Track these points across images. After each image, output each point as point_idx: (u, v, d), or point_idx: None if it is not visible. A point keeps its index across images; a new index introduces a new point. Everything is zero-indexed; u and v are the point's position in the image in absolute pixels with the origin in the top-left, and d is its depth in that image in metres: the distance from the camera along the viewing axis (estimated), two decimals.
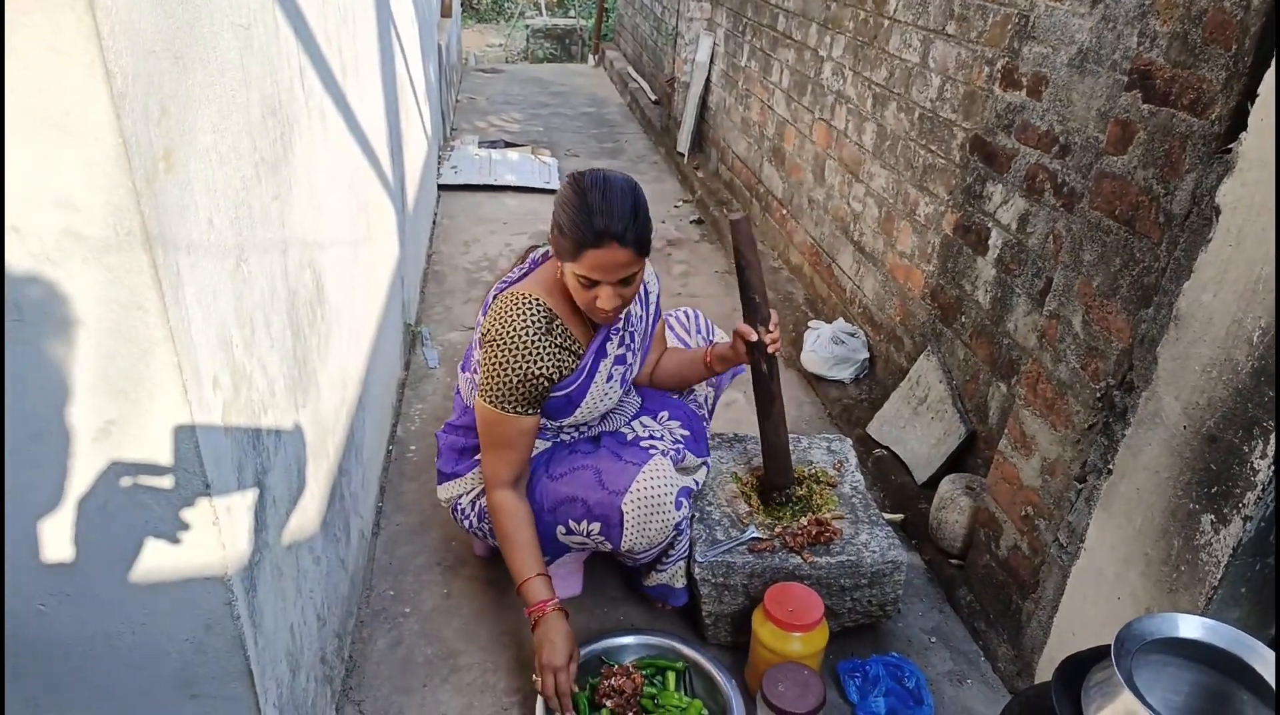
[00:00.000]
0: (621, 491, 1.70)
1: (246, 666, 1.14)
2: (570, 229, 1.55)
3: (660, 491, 1.70)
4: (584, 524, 1.74)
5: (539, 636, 1.64)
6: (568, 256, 1.58)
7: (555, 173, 5.19)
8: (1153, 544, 1.47)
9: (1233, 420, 1.31)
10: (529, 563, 1.70)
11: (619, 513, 1.70)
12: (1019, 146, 2.16)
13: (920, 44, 2.66)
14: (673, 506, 1.72)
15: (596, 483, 1.73)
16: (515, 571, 1.71)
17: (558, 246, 1.60)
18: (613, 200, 1.55)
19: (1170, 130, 1.42)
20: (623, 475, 1.72)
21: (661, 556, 1.85)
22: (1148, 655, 1.02)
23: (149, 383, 0.93)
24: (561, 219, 1.57)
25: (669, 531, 1.74)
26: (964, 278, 2.42)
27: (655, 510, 1.70)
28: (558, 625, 1.65)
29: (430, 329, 3.29)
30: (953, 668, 1.92)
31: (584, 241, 1.54)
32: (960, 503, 2.12)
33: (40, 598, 1.02)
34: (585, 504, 1.73)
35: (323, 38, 1.72)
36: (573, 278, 1.60)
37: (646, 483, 1.71)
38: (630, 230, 1.55)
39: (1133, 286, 1.52)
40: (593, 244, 1.54)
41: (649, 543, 1.74)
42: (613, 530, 1.73)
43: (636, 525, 1.71)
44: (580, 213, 1.54)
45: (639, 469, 1.72)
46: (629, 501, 1.70)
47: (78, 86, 0.78)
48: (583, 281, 1.59)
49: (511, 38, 12.32)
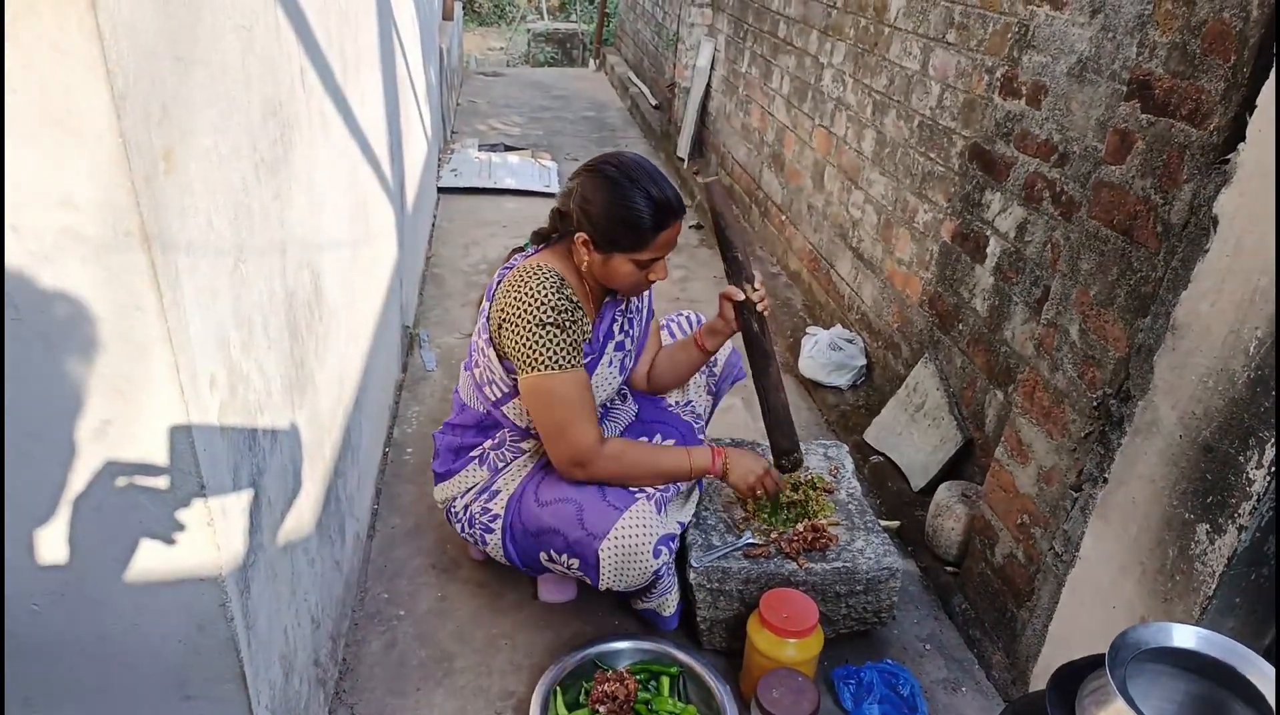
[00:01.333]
0: (600, 536, 1.67)
1: (239, 668, 1.14)
2: (633, 220, 1.59)
3: (638, 540, 1.66)
4: (564, 557, 1.73)
5: (731, 465, 1.80)
6: (630, 246, 1.62)
7: (555, 177, 5.20)
8: (1148, 553, 1.48)
9: (1229, 430, 1.31)
10: (672, 453, 1.76)
11: (595, 556, 1.68)
12: (1018, 155, 2.16)
13: (920, 52, 2.67)
14: (650, 555, 1.67)
15: (577, 521, 1.69)
16: (673, 463, 1.75)
17: (609, 239, 1.62)
18: (657, 179, 1.64)
19: (1169, 140, 1.43)
20: (603, 519, 1.67)
21: (644, 592, 1.84)
22: (1142, 664, 1.02)
23: (146, 383, 0.93)
24: (614, 213, 1.60)
25: (647, 577, 1.71)
26: (962, 285, 2.42)
27: (632, 558, 1.67)
28: (737, 454, 1.81)
29: (428, 331, 3.28)
30: (947, 675, 1.92)
31: (655, 226, 1.61)
32: (956, 510, 2.12)
33: (34, 597, 1.02)
34: (565, 539, 1.70)
35: (324, 39, 1.72)
36: (628, 264, 1.65)
37: (625, 530, 1.66)
38: (680, 199, 1.65)
39: (1130, 296, 1.52)
40: (663, 227, 1.62)
41: (627, 585, 1.72)
42: (590, 570, 1.71)
43: (613, 570, 1.69)
44: (640, 201, 1.60)
45: (620, 515, 1.68)
46: (606, 547, 1.66)
47: (79, 86, 0.78)
48: (641, 264, 1.65)
49: (513, 41, 12.34)
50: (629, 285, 1.70)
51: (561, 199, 1.71)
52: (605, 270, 1.67)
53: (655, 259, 1.66)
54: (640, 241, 1.62)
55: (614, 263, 1.65)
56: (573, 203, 1.66)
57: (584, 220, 1.63)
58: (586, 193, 1.63)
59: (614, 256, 1.64)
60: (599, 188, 1.61)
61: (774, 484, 1.84)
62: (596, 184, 1.62)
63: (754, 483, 1.81)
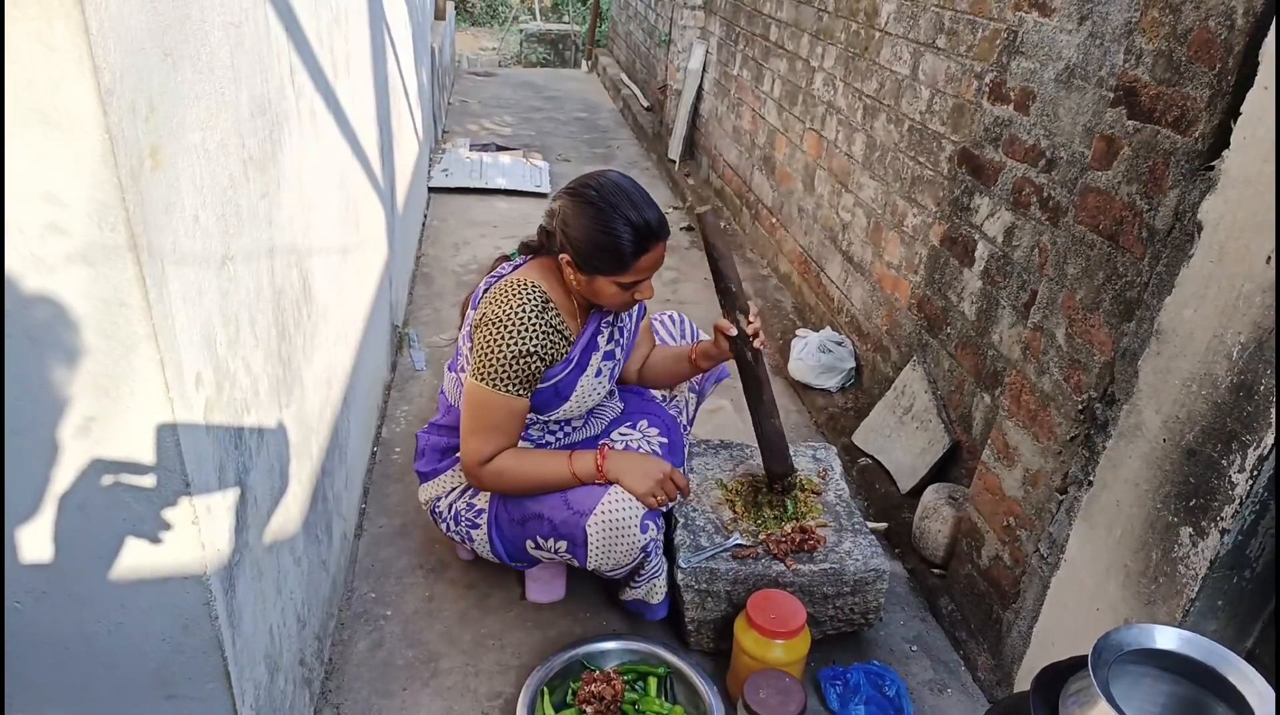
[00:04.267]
0: (586, 513, 1.69)
1: (224, 667, 1.13)
2: (613, 246, 1.60)
3: (625, 515, 1.69)
4: (551, 541, 1.74)
5: (618, 471, 1.70)
6: (611, 270, 1.62)
7: (546, 177, 5.19)
8: (1132, 556, 1.49)
9: (1212, 434, 1.32)
10: (554, 457, 1.73)
11: (583, 533, 1.70)
12: (1006, 160, 2.18)
13: (910, 57, 2.68)
14: (638, 530, 1.69)
15: (562, 502, 1.72)
16: (554, 475, 1.71)
17: (591, 264, 1.63)
18: (638, 203, 1.63)
19: (1154, 146, 1.44)
20: (588, 497, 1.71)
21: (634, 575, 1.85)
22: (1125, 666, 1.03)
23: (131, 380, 0.92)
24: (595, 239, 1.60)
25: (635, 554, 1.73)
26: (950, 289, 2.43)
27: (620, 533, 1.69)
28: (620, 456, 1.73)
29: (418, 331, 3.28)
30: (933, 676, 1.92)
31: (636, 251, 1.61)
32: (943, 512, 2.13)
33: (16, 596, 1.01)
34: (551, 522, 1.72)
35: (314, 37, 1.72)
36: (612, 287, 1.65)
37: (611, 506, 1.69)
38: (663, 222, 1.64)
39: (1115, 300, 1.53)
40: (644, 251, 1.61)
41: (615, 563, 1.74)
42: (578, 549, 1.73)
43: (601, 547, 1.71)
44: (620, 227, 1.60)
45: (604, 491, 1.71)
46: (593, 523, 1.69)
47: (65, 81, 0.78)
48: (624, 286, 1.65)
49: (505, 41, 12.33)
50: (615, 305, 1.72)
51: (546, 218, 1.73)
52: (590, 289, 1.69)
53: (640, 281, 1.67)
54: (621, 266, 1.63)
55: (598, 284, 1.67)
56: (555, 224, 1.68)
57: (566, 243, 1.65)
58: (567, 217, 1.64)
59: (597, 278, 1.66)
60: (580, 213, 1.62)
61: (674, 489, 1.75)
62: (578, 209, 1.63)
63: (651, 487, 1.71)
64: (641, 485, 1.70)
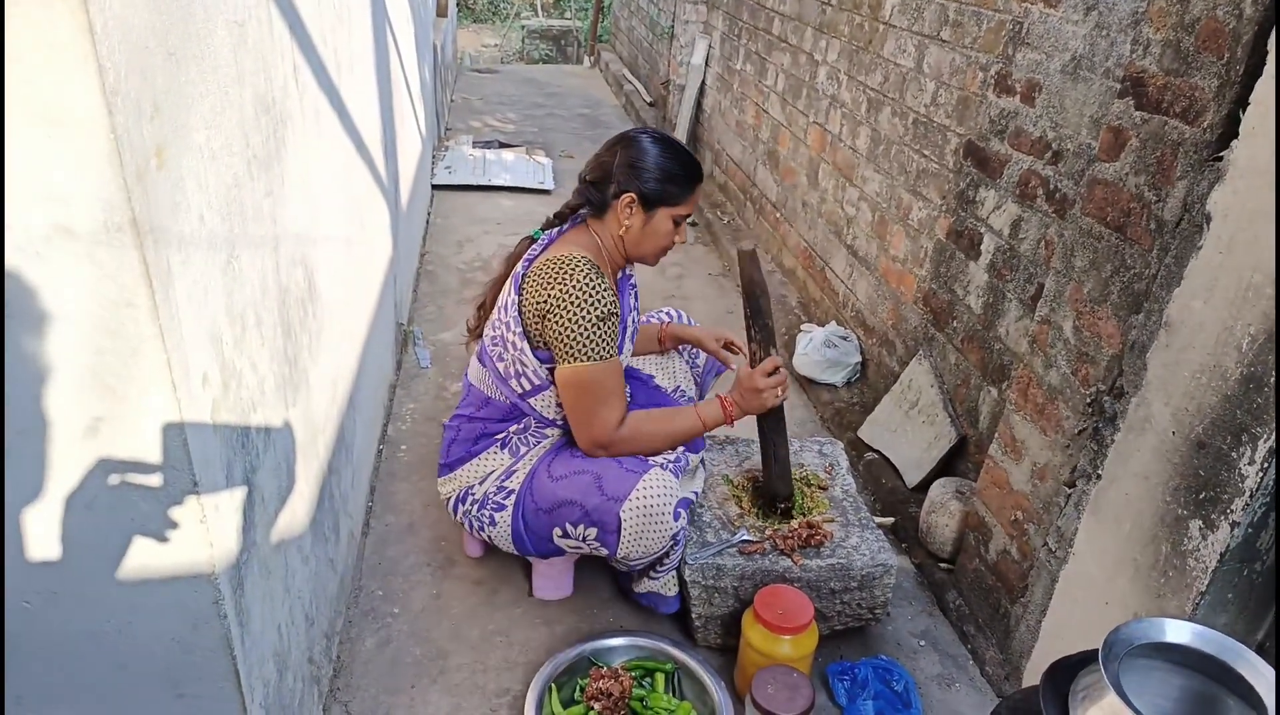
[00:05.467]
0: (620, 498, 1.70)
1: (233, 666, 1.14)
2: (679, 173, 1.76)
3: (660, 501, 1.70)
4: (580, 528, 1.74)
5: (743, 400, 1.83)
6: (675, 199, 1.77)
7: (550, 173, 5.19)
8: (1141, 549, 1.48)
9: (1222, 427, 1.31)
10: (683, 414, 1.83)
11: (617, 519, 1.70)
12: (1012, 152, 2.17)
13: (915, 49, 2.67)
14: (671, 517, 1.71)
15: (596, 488, 1.72)
16: (690, 428, 1.82)
17: (659, 195, 1.75)
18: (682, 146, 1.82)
19: (1162, 137, 1.43)
20: (623, 482, 1.72)
21: (655, 565, 1.85)
22: (1135, 660, 1.02)
23: (138, 379, 0.92)
24: (665, 166, 1.75)
25: (666, 541, 1.73)
26: (956, 282, 2.43)
27: (654, 519, 1.70)
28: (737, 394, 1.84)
29: (422, 329, 3.28)
30: (941, 671, 1.92)
31: (693, 179, 1.78)
32: (950, 507, 2.13)
33: (25, 595, 1.01)
34: (583, 508, 1.72)
35: (317, 35, 1.71)
36: (668, 222, 1.78)
37: (646, 491, 1.70)
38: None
39: (1123, 293, 1.52)
40: (697, 181, 1.80)
41: (645, 551, 1.74)
42: (609, 536, 1.73)
43: (634, 533, 1.71)
44: (685, 155, 1.78)
45: (639, 477, 1.72)
46: (627, 509, 1.70)
47: (70, 81, 0.78)
48: (677, 220, 1.79)
49: (507, 38, 12.31)
50: (660, 248, 1.82)
51: (593, 170, 1.81)
52: (646, 231, 1.79)
53: (687, 216, 1.81)
54: (683, 195, 1.77)
55: (656, 221, 1.77)
56: (615, 167, 1.76)
57: (633, 179, 1.74)
58: (633, 156, 1.76)
59: (657, 213, 1.77)
60: (645, 149, 1.76)
61: (779, 381, 1.83)
62: (641, 148, 1.76)
63: (767, 397, 1.83)
64: (765, 404, 1.83)
